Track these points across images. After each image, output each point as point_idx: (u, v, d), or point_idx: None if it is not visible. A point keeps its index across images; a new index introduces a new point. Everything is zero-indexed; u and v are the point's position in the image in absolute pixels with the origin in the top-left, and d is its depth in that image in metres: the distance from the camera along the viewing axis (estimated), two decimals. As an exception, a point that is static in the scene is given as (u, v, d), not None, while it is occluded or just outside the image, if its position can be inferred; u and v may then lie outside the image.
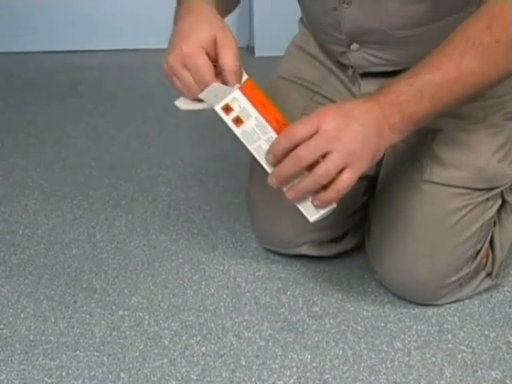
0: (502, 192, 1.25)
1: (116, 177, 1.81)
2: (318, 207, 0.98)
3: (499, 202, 1.26)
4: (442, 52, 0.99)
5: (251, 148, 1.01)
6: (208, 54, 1.01)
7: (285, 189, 0.98)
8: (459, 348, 1.19)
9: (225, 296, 1.33)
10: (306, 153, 0.93)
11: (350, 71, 1.30)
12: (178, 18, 1.09)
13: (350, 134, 0.93)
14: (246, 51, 2.77)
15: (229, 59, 1.02)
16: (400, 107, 0.96)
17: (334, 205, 0.98)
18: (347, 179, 0.94)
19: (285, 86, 1.40)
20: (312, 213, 1.00)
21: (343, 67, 1.32)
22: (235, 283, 1.37)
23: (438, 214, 1.21)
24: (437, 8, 1.11)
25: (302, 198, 0.98)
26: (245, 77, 1.05)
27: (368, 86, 1.28)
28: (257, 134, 1.00)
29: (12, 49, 2.83)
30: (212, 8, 1.07)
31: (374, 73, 1.26)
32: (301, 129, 0.94)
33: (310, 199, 0.98)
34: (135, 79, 2.55)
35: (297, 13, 1.39)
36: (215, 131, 2.06)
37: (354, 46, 1.22)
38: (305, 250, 1.38)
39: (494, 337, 1.21)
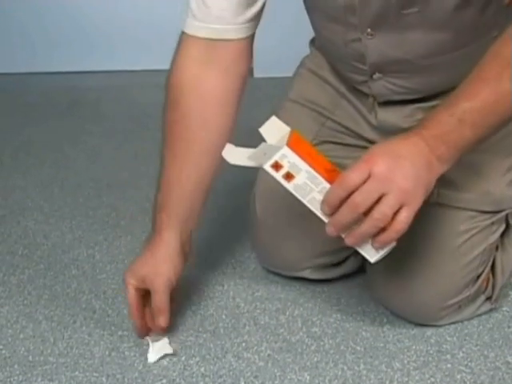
0: (506, 216, 1.25)
1: (115, 197, 1.81)
2: (378, 249, 1.00)
3: (503, 226, 1.26)
4: (478, 77, 0.99)
5: (305, 201, 1.01)
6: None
7: (343, 235, 0.99)
8: (458, 368, 1.19)
9: (224, 316, 1.33)
10: (362, 199, 0.94)
11: (371, 99, 1.28)
12: (152, 225, 1.28)
13: (401, 174, 0.94)
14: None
15: (156, 300, 1.19)
16: (443, 138, 0.97)
17: (394, 243, 1.00)
18: (404, 218, 0.94)
19: (296, 110, 1.38)
20: (373, 254, 1.01)
21: (360, 94, 1.30)
22: (234, 303, 1.37)
23: (442, 237, 1.21)
24: (460, 35, 1.11)
25: (361, 242, 0.99)
26: (286, 129, 1.05)
27: (384, 113, 1.27)
28: (309, 186, 1.00)
29: (11, 70, 2.84)
30: (174, 245, 1.24)
31: (393, 101, 1.26)
32: (353, 176, 0.94)
33: (370, 241, 0.99)
34: (133, 100, 2.57)
35: (296, 34, 1.39)
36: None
37: (377, 75, 1.21)
38: (307, 273, 1.38)
39: (493, 357, 1.21)
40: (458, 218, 1.21)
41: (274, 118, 1.04)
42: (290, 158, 1.00)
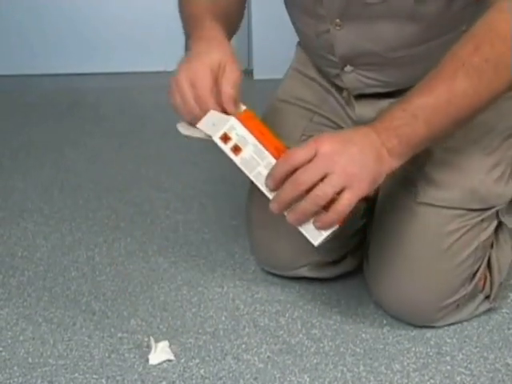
0: (497, 213, 1.25)
1: (115, 199, 1.81)
2: (320, 229, 0.99)
3: (495, 222, 1.26)
4: (434, 75, 1.00)
5: (251, 175, 1.02)
6: (212, 76, 1.04)
7: (286, 213, 0.99)
8: (458, 370, 1.19)
9: (223, 318, 1.33)
10: (305, 176, 0.94)
11: (345, 93, 1.31)
12: (188, 46, 1.12)
13: (347, 157, 0.94)
14: (245, 74, 2.79)
15: (228, 87, 1.05)
16: (396, 132, 0.97)
17: (337, 226, 0.99)
18: (346, 200, 0.94)
19: (284, 108, 1.41)
20: (315, 236, 1.00)
21: (339, 89, 1.33)
22: (234, 305, 1.37)
23: (433, 236, 1.22)
24: (429, 29, 1.12)
25: (302, 220, 0.99)
26: (243, 108, 1.06)
27: (362, 108, 1.29)
28: (255, 160, 1.01)
29: (11, 71, 2.84)
30: (222, 36, 1.11)
31: (368, 94, 1.28)
32: (299, 153, 0.95)
33: (312, 222, 0.99)
34: (133, 102, 2.57)
35: (296, 36, 1.40)
36: (213, 153, 2.06)
37: (348, 68, 1.23)
38: (304, 272, 1.38)
39: (492, 359, 1.21)
40: (447, 217, 1.21)
41: (212, 112, 1.05)
42: (238, 131, 1.01)
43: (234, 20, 1.26)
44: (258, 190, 1.03)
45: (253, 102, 1.11)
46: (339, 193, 0.95)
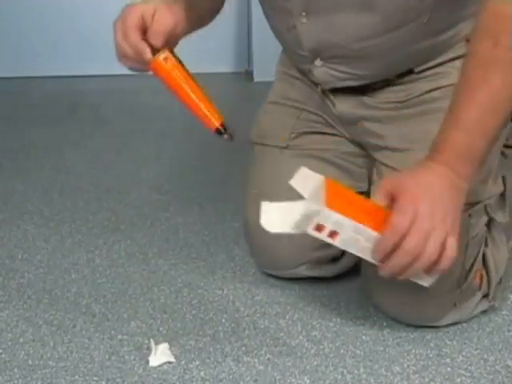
0: (486, 209, 1.25)
1: (115, 201, 1.81)
2: (433, 275, 1.03)
3: (484, 218, 1.26)
4: (465, 83, 1.01)
5: (355, 252, 1.02)
6: (143, 19, 1.11)
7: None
8: (458, 372, 1.19)
9: (224, 320, 1.33)
10: (413, 243, 0.96)
11: (319, 88, 1.32)
12: None
13: (442, 209, 0.97)
14: (245, 76, 2.79)
15: (156, 25, 1.11)
16: (460, 156, 1.00)
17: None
18: (452, 246, 0.98)
19: (273, 110, 1.44)
20: (427, 280, 1.05)
21: (315, 84, 1.34)
22: (234, 308, 1.37)
23: None
24: (388, 19, 1.13)
25: (413, 276, 1.03)
26: (318, 178, 1.03)
27: (341, 103, 1.31)
28: (355, 237, 1.00)
29: (13, 74, 2.84)
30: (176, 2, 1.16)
31: (343, 88, 1.28)
32: (402, 221, 0.96)
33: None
34: (133, 104, 2.57)
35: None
36: (214, 155, 2.07)
37: (318, 61, 1.25)
38: (303, 271, 1.38)
39: (492, 361, 1.21)
40: None
41: (303, 169, 1.04)
42: (331, 218, 0.98)
43: (202, 12, 1.29)
44: (254, 191, 1.02)
45: (253, 103, 1.11)
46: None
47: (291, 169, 1.04)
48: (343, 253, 1.40)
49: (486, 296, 1.30)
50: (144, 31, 1.11)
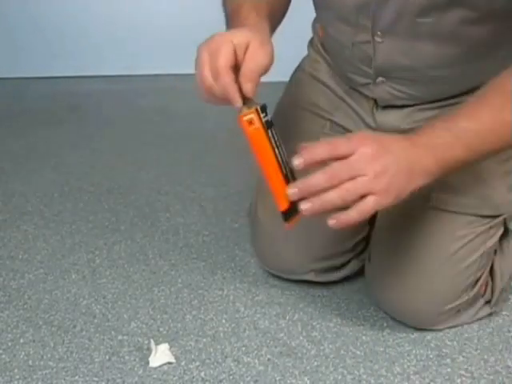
0: (504, 221, 1.25)
1: (115, 202, 1.81)
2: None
3: (501, 230, 1.26)
4: (480, 102, 0.99)
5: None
6: (235, 53, 0.97)
7: (302, 204, 0.94)
8: (458, 372, 1.19)
9: (224, 321, 1.33)
10: (342, 171, 0.92)
11: (371, 102, 1.29)
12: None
13: (382, 166, 0.93)
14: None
15: (250, 64, 0.98)
16: (435, 150, 0.96)
17: None
18: (368, 205, 0.92)
19: (297, 113, 1.39)
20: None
21: (359, 97, 1.30)
22: (234, 308, 1.37)
23: (441, 240, 1.22)
24: (469, 51, 1.11)
25: (318, 212, 0.94)
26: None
27: (383, 115, 1.27)
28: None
29: (12, 74, 2.85)
30: (263, 27, 1.05)
31: (393, 105, 1.26)
32: (343, 145, 0.93)
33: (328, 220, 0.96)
34: (134, 105, 2.57)
35: (295, 39, 1.39)
36: (214, 156, 2.07)
37: (380, 79, 1.21)
38: (311, 276, 1.39)
39: (493, 361, 1.21)
40: (457, 222, 1.21)
41: None
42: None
43: (277, 17, 1.20)
44: (265, 195, 0.98)
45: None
46: (362, 197, 0.93)
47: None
48: (349, 260, 1.41)
49: (488, 302, 1.31)
50: (235, 69, 0.98)
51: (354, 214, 0.93)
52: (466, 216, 1.21)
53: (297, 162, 0.93)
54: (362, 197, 0.92)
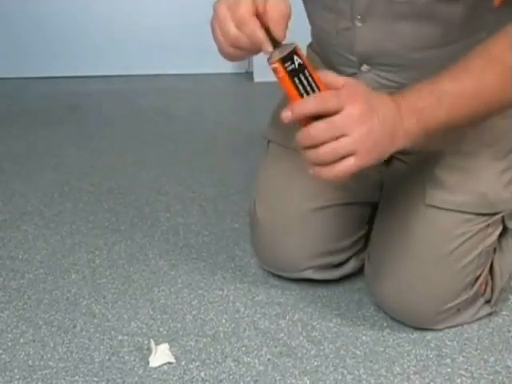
0: (502, 219, 1.25)
1: (115, 202, 1.81)
2: (311, 174, 0.96)
3: (500, 228, 1.26)
4: (464, 65, 1.00)
5: None
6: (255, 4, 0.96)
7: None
8: (458, 372, 1.19)
9: (224, 321, 1.33)
10: (325, 133, 0.92)
11: None
12: None
13: (367, 127, 0.93)
14: (245, 76, 2.79)
15: (274, 11, 0.97)
16: (417, 112, 0.97)
17: None
18: (348, 166, 0.93)
19: None
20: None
21: None
22: (234, 308, 1.37)
23: (438, 239, 1.22)
24: (448, 32, 1.12)
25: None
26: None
27: None
28: None
29: (12, 74, 2.85)
30: None
31: None
32: (331, 100, 0.92)
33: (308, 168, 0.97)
34: (134, 105, 2.57)
35: (296, 39, 1.39)
36: (214, 157, 2.07)
37: (365, 67, 1.22)
38: (309, 274, 1.38)
39: (493, 361, 1.21)
40: (454, 221, 1.21)
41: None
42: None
43: None
44: (264, 192, 0.98)
45: (253, 104, 1.11)
46: (344, 157, 0.93)
47: (307, 174, 1.01)
48: (348, 258, 1.41)
49: (488, 301, 1.31)
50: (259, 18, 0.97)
51: (329, 173, 0.94)
52: (463, 214, 1.21)
53: (284, 114, 0.94)
54: (344, 157, 0.93)
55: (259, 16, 0.97)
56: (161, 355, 1.21)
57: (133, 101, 2.61)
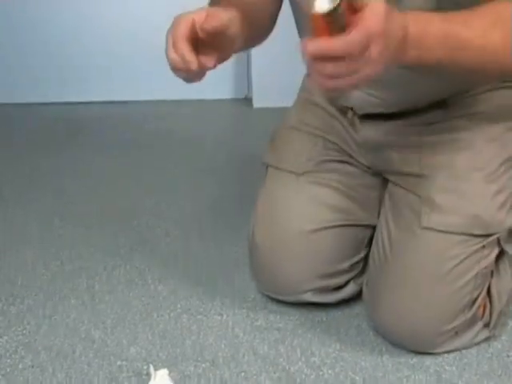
0: (498, 241, 1.26)
1: (115, 227, 1.82)
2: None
3: (496, 250, 1.26)
4: (476, 12, 1.01)
5: None
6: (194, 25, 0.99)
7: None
8: (458, 398, 1.19)
9: (223, 346, 1.33)
10: (345, 70, 0.89)
11: (350, 113, 1.33)
12: None
13: (378, 64, 0.91)
14: (244, 102, 2.80)
15: (208, 17, 0.98)
16: (420, 49, 0.96)
17: None
18: (363, 77, 0.91)
19: (292, 135, 1.43)
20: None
21: (343, 112, 1.35)
22: (233, 333, 1.37)
23: (434, 261, 1.22)
24: None
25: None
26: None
27: (367, 130, 1.32)
28: None
29: (12, 100, 2.86)
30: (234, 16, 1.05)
31: (372, 115, 1.29)
32: (357, 46, 0.87)
33: None
34: (134, 130, 2.58)
35: (295, 65, 1.41)
36: (214, 181, 2.08)
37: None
38: (308, 297, 1.38)
39: (492, 387, 1.21)
40: (449, 242, 1.22)
41: None
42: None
43: (253, 27, 1.18)
44: (261, 215, 0.97)
45: (252, 129, 1.12)
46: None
47: (305, 197, 1.00)
48: (347, 281, 1.41)
49: (486, 325, 1.30)
50: (195, 40, 1.00)
51: (346, 82, 0.91)
52: (458, 235, 1.21)
53: (309, 46, 0.90)
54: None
55: (197, 39, 0.99)
56: (160, 380, 1.21)
57: (133, 126, 2.62)
